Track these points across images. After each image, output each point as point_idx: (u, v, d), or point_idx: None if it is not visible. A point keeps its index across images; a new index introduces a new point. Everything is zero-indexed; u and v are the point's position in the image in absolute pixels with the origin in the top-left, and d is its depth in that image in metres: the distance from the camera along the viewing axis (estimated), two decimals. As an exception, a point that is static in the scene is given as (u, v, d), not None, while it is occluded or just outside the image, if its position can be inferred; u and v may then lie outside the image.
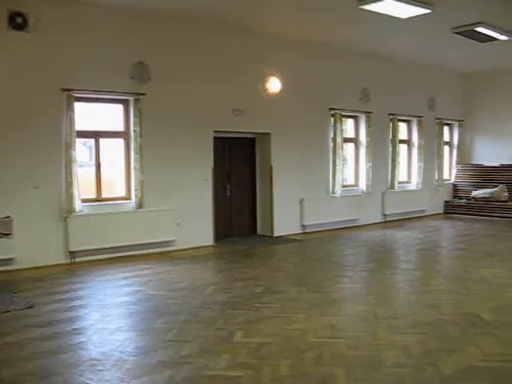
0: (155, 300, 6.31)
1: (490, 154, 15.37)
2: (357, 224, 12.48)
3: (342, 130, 12.04)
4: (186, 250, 9.46)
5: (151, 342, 4.84)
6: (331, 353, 4.53)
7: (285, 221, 11.07)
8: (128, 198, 9.15)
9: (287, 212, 11.12)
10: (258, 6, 8.58)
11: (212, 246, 9.89)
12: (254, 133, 10.91)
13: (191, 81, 9.51)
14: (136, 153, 8.94)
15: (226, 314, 5.68)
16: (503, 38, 10.53)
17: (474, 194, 14.83)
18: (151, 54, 9.03)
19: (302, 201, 11.31)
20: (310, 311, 5.76)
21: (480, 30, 9.94)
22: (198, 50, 9.57)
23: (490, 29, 9.94)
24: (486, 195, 14.50)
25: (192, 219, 9.63)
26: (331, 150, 11.89)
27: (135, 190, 9.00)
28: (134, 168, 8.97)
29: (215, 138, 9.97)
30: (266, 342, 4.78)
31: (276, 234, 10.96)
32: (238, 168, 11.01)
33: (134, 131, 8.92)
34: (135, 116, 8.91)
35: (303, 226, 11.43)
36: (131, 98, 8.93)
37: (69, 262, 8.37)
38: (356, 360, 4.39)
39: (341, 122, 11.97)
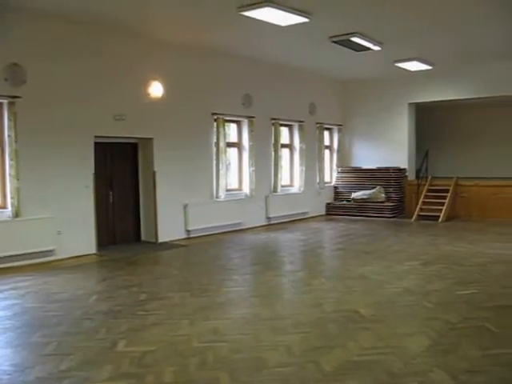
0: (33, 313, 6.01)
1: (367, 157, 16.15)
2: (241, 227, 12.59)
3: (224, 135, 12.11)
4: (67, 259, 9.09)
5: (28, 358, 4.60)
6: (215, 357, 4.53)
7: (169, 226, 10.96)
8: (3, 206, 8.63)
9: (171, 217, 11.02)
10: (137, 6, 8.43)
11: (95, 254, 9.58)
12: (137, 138, 10.71)
13: (70, 84, 9.17)
14: (11, 159, 8.45)
15: (109, 324, 5.53)
16: (376, 48, 11.11)
17: (354, 195, 15.49)
18: (26, 55, 8.60)
19: (186, 206, 11.25)
20: (195, 316, 5.73)
21: (355, 39, 10.42)
22: (77, 51, 9.22)
23: (364, 39, 10.46)
24: (365, 196, 15.19)
25: (73, 227, 9.27)
26: (214, 155, 11.94)
27: (11, 198, 8.50)
28: (10, 175, 8.48)
29: (96, 143, 9.67)
30: (149, 350, 4.69)
31: (160, 239, 10.81)
32: (121, 174, 10.76)
33: (9, 136, 8.44)
34: (9, 120, 8.43)
35: (188, 231, 11.37)
36: (5, 101, 8.44)
37: None
38: (240, 363, 4.42)
39: (223, 126, 12.04)
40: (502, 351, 4.60)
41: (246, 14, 8.51)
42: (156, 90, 10.46)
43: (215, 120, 11.89)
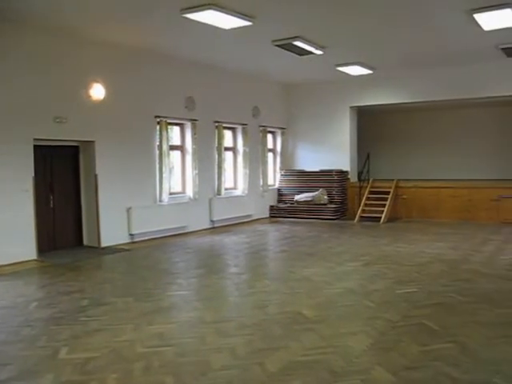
0: (-31, 322, 5.83)
1: (310, 159, 16.35)
2: (185, 231, 12.54)
3: (167, 138, 12.04)
4: (5, 266, 8.80)
5: (-36, 369, 4.46)
6: (160, 361, 4.51)
7: (112, 230, 10.79)
8: None
9: (114, 221, 10.86)
10: (77, 6, 8.28)
11: (35, 260, 9.34)
12: (78, 141, 10.51)
13: (7, 85, 8.92)
14: None
15: (50, 331, 5.42)
16: (318, 52, 11.28)
17: (297, 198, 15.64)
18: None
19: (129, 209, 11.12)
20: (139, 321, 5.68)
21: (297, 43, 10.56)
22: (15, 50, 9.00)
23: (306, 43, 10.60)
24: (308, 199, 15.36)
25: (11, 233, 9.01)
26: (158, 158, 11.84)
27: None
28: None
29: (36, 146, 9.44)
30: (92, 357, 4.63)
31: (103, 244, 10.64)
32: (62, 177, 10.52)
33: None
34: None
35: (131, 235, 11.23)
36: None
37: None
38: (185, 366, 4.41)
39: (166, 129, 11.97)
40: (440, 346, 4.76)
41: (189, 16, 8.51)
42: (97, 92, 10.31)
43: (158, 123, 11.80)
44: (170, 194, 12.22)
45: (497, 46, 11.33)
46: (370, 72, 13.83)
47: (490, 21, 9.23)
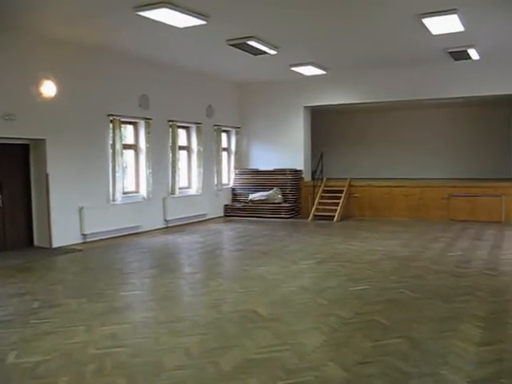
0: None
1: (265, 159, 16.43)
2: (139, 231, 12.43)
3: (121, 137, 11.90)
4: (-49, 267, 8.60)
5: None
6: (113, 363, 4.46)
7: (64, 230, 10.60)
8: None
9: (66, 221, 10.67)
10: (26, 3, 8.11)
11: (-17, 261, 9.12)
12: (28, 139, 10.29)
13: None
14: None
15: (-1, 334, 5.29)
16: (272, 52, 11.34)
17: (251, 197, 15.69)
18: None
19: (81, 209, 10.94)
20: (91, 322, 5.61)
21: (251, 43, 10.59)
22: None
23: (260, 43, 10.64)
24: (262, 198, 15.44)
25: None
26: (111, 157, 11.69)
27: None
28: None
29: (-17, 144, 9.23)
30: (43, 360, 4.54)
31: (55, 244, 10.45)
32: (11, 177, 10.27)
33: None
34: None
35: (84, 236, 11.06)
36: None
37: None
38: (138, 367, 4.38)
39: (120, 128, 11.82)
40: (390, 341, 4.86)
41: (143, 14, 8.43)
42: (48, 89, 10.11)
43: (111, 121, 11.65)
44: (124, 193, 12.10)
45: (445, 49, 11.64)
46: (323, 72, 13.99)
47: (438, 25, 9.49)
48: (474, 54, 12.01)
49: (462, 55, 12.12)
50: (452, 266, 8.27)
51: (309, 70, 13.79)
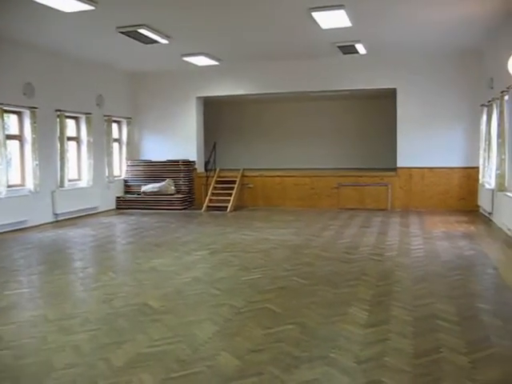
0: None
1: (157, 150, 16.27)
2: (26, 226, 11.88)
3: (3, 127, 11.28)
4: None
5: None
6: (-3, 365, 4.26)
7: None
8: None
9: None
10: None
11: None
12: None
13: None
14: None
15: None
16: (164, 41, 11.20)
17: (144, 188, 15.47)
18: None
19: (-39, 204, 10.34)
20: (-27, 323, 5.32)
21: (143, 31, 10.40)
22: None
23: (151, 31, 10.48)
24: (155, 189, 15.27)
25: None
26: (-6, 148, 11.10)
27: None
28: None
29: None
30: None
31: None
32: None
33: None
34: None
35: (-35, 232, 10.47)
36: None
37: None
38: (25, 369, 4.20)
39: (2, 117, 11.21)
40: (282, 328, 4.98)
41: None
42: None
43: (-7, 111, 11.05)
44: (8, 186, 11.49)
45: (334, 43, 12.01)
46: (216, 63, 14.02)
47: (327, 20, 9.78)
48: (361, 48, 12.49)
49: (350, 49, 12.56)
50: (341, 253, 8.59)
51: (201, 61, 13.76)
